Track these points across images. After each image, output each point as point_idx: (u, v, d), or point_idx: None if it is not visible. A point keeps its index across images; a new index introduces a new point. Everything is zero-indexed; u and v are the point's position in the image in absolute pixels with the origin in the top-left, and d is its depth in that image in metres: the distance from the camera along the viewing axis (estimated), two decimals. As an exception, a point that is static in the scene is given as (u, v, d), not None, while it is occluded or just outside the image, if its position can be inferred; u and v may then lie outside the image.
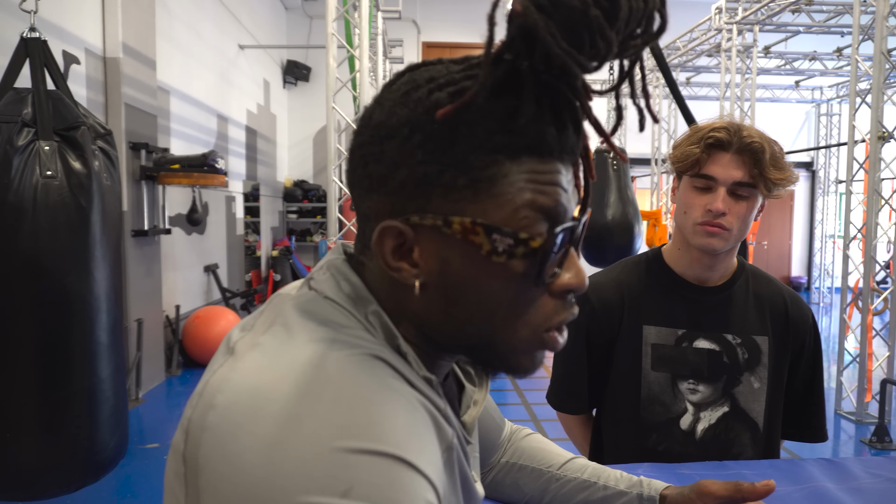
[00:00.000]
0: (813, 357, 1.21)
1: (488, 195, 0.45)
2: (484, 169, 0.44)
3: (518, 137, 0.44)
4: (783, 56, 8.76)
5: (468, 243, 0.45)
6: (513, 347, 0.50)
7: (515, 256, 0.46)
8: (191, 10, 5.67)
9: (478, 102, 0.44)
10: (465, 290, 0.47)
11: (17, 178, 1.76)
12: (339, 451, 0.38)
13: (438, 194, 0.45)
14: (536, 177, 0.45)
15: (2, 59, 2.87)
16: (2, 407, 1.77)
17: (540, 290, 0.48)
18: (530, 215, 0.45)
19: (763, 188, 1.08)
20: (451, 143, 0.44)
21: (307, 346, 0.44)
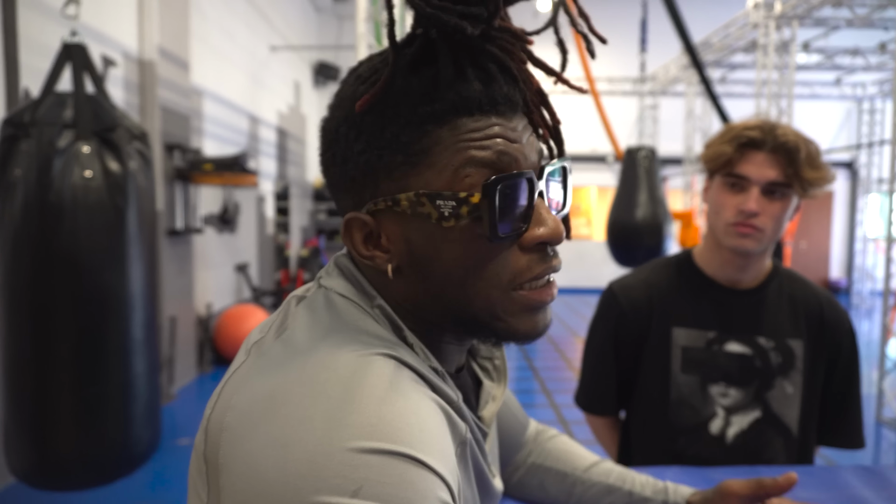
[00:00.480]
0: (850, 362, 1.17)
1: (426, 165, 0.47)
2: (416, 142, 0.46)
3: (440, 103, 0.46)
4: (823, 51, 8.52)
5: (420, 216, 0.47)
6: (495, 312, 0.49)
7: (462, 217, 0.46)
8: (224, 12, 5.78)
9: (397, 83, 0.47)
10: (431, 263, 0.49)
11: (57, 178, 1.81)
12: (349, 450, 0.38)
13: (383, 178, 0.48)
14: (470, 135, 0.46)
15: (44, 62, 2.97)
16: (43, 401, 1.83)
17: (505, 247, 0.48)
18: (472, 172, 0.46)
19: (798, 188, 1.05)
20: (381, 127, 0.47)
21: (318, 348, 0.45)
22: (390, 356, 0.46)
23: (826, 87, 10.20)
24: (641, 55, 6.23)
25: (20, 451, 1.86)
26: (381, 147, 0.47)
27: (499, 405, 0.62)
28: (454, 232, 0.47)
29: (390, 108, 0.47)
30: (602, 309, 1.26)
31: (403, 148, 0.47)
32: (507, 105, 0.48)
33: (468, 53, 0.47)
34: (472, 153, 0.46)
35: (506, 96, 0.47)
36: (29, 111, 1.85)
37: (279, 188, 7.73)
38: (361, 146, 0.48)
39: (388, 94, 0.47)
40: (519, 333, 0.51)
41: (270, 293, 6.65)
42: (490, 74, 0.47)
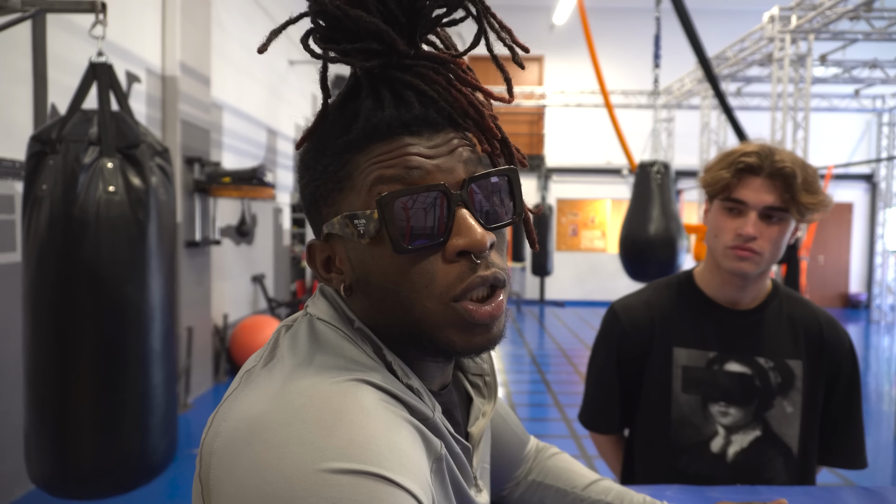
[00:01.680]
0: (850, 382, 1.18)
1: (349, 189, 0.52)
2: (340, 169, 0.52)
3: (354, 132, 0.51)
4: (841, 64, 8.46)
5: (348, 237, 0.52)
6: (434, 322, 0.51)
7: (372, 233, 0.50)
8: (244, 28, 5.90)
9: (329, 120, 0.53)
10: (368, 280, 0.53)
11: (82, 193, 1.87)
12: (322, 472, 0.41)
13: (323, 205, 0.54)
14: (380, 156, 0.50)
15: (70, 79, 3.06)
16: (64, 410, 1.88)
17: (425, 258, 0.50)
18: (382, 188, 0.50)
19: (795, 213, 1.07)
20: (315, 161, 0.54)
21: (297, 376, 0.49)
22: (363, 381, 0.49)
23: (844, 100, 10.12)
24: (655, 71, 6.24)
25: (41, 458, 1.91)
26: (317, 178, 0.54)
27: (488, 421, 0.65)
28: (374, 248, 0.51)
29: (321, 143, 0.54)
30: (604, 328, 1.29)
31: (332, 176, 0.52)
32: (424, 125, 0.51)
33: (387, 84, 0.52)
34: (380, 172, 0.50)
35: (419, 117, 0.50)
36: (56, 128, 1.92)
37: (296, 200, 7.83)
38: (306, 180, 0.55)
39: (320, 130, 0.54)
40: (456, 347, 0.52)
41: (286, 304, 6.72)
42: (405, 100, 0.51)
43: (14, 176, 2.83)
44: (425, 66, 0.53)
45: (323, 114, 0.54)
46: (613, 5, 10.22)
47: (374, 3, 0.50)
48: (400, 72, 0.52)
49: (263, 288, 6.32)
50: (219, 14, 5.20)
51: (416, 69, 0.52)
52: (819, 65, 8.00)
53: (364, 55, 0.51)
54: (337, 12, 0.49)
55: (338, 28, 0.51)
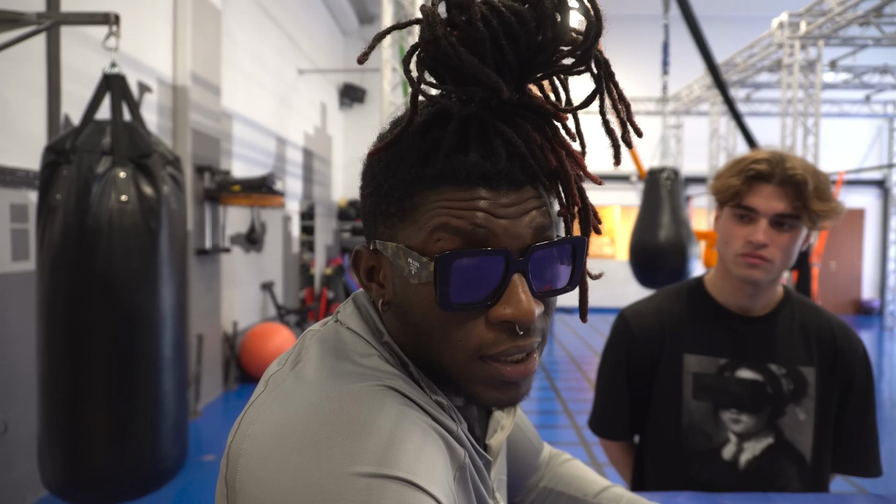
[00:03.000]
0: (864, 389, 1.17)
1: (411, 222, 0.50)
2: (407, 199, 0.50)
3: (432, 168, 0.48)
4: (851, 70, 8.42)
5: (399, 266, 0.51)
6: (460, 374, 0.51)
7: (422, 278, 0.48)
8: (254, 38, 5.96)
9: (408, 141, 0.50)
10: (406, 311, 0.52)
11: (95, 202, 1.90)
12: (353, 475, 0.42)
13: (381, 223, 0.53)
14: (452, 203, 0.48)
15: (83, 89, 3.11)
16: (77, 416, 1.90)
17: (468, 317, 0.49)
18: (444, 237, 0.47)
19: (807, 220, 1.07)
20: (385, 178, 0.51)
21: (327, 381, 0.49)
22: (390, 388, 0.50)
23: (855, 105, 10.06)
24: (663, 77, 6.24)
25: (54, 464, 1.92)
26: (381, 195, 0.52)
27: (507, 434, 0.65)
28: (421, 290, 0.49)
29: (394, 163, 0.51)
30: (614, 335, 1.29)
31: (396, 201, 0.50)
32: (504, 181, 0.48)
33: (478, 125, 0.48)
34: (447, 219, 0.47)
35: (502, 171, 0.48)
36: (70, 138, 1.94)
37: (305, 208, 7.86)
38: (369, 190, 0.54)
39: (397, 149, 0.51)
40: (481, 401, 0.52)
41: (295, 311, 6.74)
42: (493, 149, 0.48)
43: (28, 185, 2.87)
44: (524, 117, 0.50)
45: (404, 131, 0.50)
46: (621, 12, 10.23)
47: (490, 51, 0.45)
48: (496, 118, 0.48)
49: (273, 295, 6.34)
50: (229, 25, 5.25)
51: (513, 118, 0.49)
52: (829, 70, 7.95)
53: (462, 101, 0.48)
54: (450, 52, 0.45)
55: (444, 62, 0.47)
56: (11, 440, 2.73)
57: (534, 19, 0.45)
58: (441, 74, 0.48)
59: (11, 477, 2.78)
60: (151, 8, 3.98)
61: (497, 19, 0.45)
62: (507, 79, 0.47)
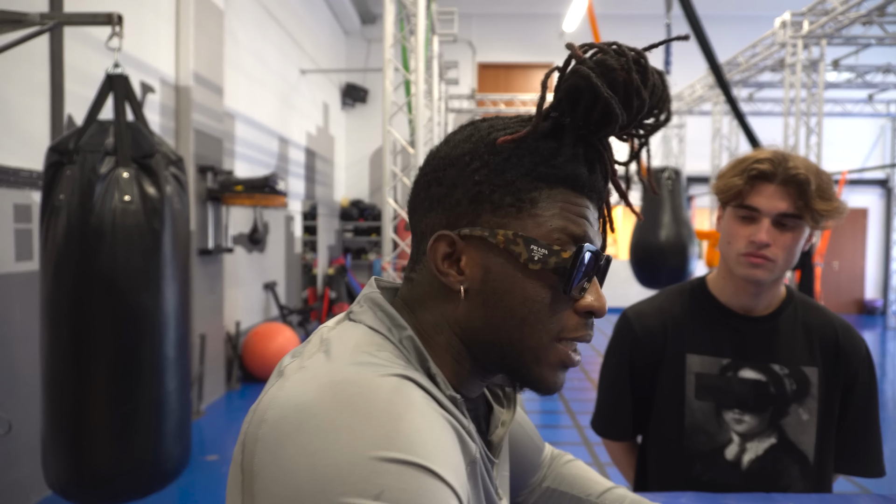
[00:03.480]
0: (867, 389, 1.17)
1: (529, 214, 0.55)
2: (527, 192, 0.55)
3: (557, 171, 0.55)
4: (854, 69, 8.40)
5: (509, 252, 0.55)
6: (538, 355, 0.56)
7: (548, 266, 0.54)
8: (256, 38, 5.97)
9: (527, 142, 0.56)
10: (503, 296, 0.55)
11: (98, 202, 1.90)
12: (372, 459, 0.43)
13: (488, 210, 0.55)
14: (569, 206, 0.55)
15: (86, 90, 3.11)
16: (80, 416, 1.90)
17: (566, 303, 0.56)
18: (562, 238, 0.55)
19: (809, 219, 1.07)
20: (503, 169, 0.55)
21: (345, 368, 0.50)
22: (407, 377, 0.51)
23: (858, 105, 10.04)
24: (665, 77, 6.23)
25: (57, 464, 1.93)
26: (497, 185, 0.55)
27: (507, 430, 0.66)
28: (535, 275, 0.54)
29: (515, 158, 0.56)
30: (617, 335, 1.29)
31: (516, 192, 0.55)
32: (596, 195, 0.58)
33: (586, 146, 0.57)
34: (566, 223, 0.55)
35: (598, 188, 0.58)
36: (73, 139, 1.95)
37: (307, 208, 7.87)
38: (480, 177, 0.56)
39: (519, 146, 0.56)
40: (544, 383, 0.57)
41: (297, 311, 6.75)
42: (594, 166, 0.57)
43: (32, 186, 2.87)
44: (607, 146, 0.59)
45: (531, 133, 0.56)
46: (623, 12, 10.22)
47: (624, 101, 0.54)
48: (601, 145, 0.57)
49: (275, 295, 6.35)
50: (231, 25, 5.26)
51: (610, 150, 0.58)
52: (832, 70, 7.94)
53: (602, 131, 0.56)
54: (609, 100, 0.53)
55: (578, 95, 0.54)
56: (15, 439, 2.74)
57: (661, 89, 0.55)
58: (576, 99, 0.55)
59: (15, 476, 2.79)
60: (154, 8, 3.98)
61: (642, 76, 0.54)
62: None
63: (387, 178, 4.38)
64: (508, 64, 10.74)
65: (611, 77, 0.53)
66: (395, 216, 4.66)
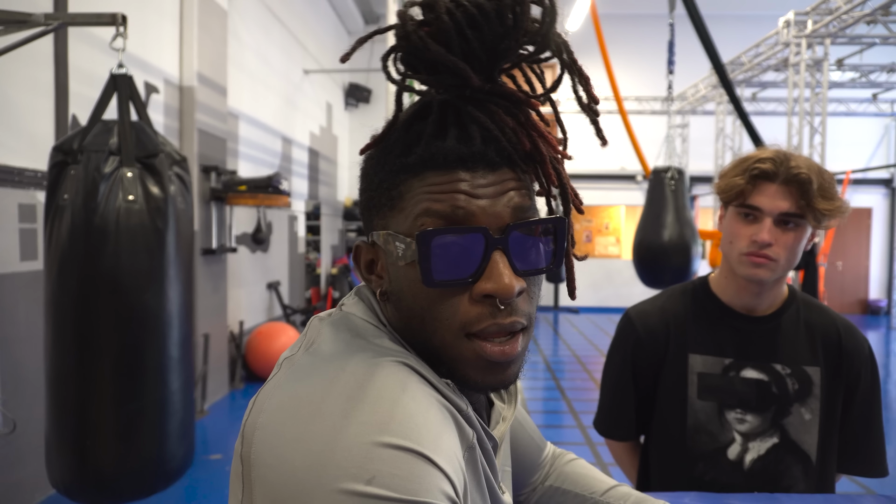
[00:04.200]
0: (870, 389, 1.17)
1: (399, 209, 0.53)
2: (394, 188, 0.54)
3: (414, 156, 0.52)
4: (858, 68, 8.37)
5: (388, 252, 0.55)
6: (450, 354, 0.53)
7: (408, 258, 0.52)
8: (260, 38, 5.98)
9: (394, 136, 0.55)
10: (400, 296, 0.55)
11: (102, 202, 1.91)
12: (365, 444, 0.44)
13: (375, 215, 0.57)
14: (434, 187, 0.51)
15: (90, 90, 3.12)
16: (84, 416, 1.91)
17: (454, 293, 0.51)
18: (427, 221, 0.51)
19: (811, 219, 1.07)
20: (375, 172, 0.56)
21: (339, 356, 0.51)
22: (402, 362, 0.51)
23: (862, 104, 10.01)
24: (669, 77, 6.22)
25: (61, 463, 1.93)
26: (372, 189, 0.56)
27: (508, 425, 0.66)
28: (409, 271, 0.53)
29: (381, 157, 0.55)
30: (619, 335, 1.29)
31: (385, 192, 0.54)
32: (481, 162, 0.51)
33: (455, 113, 0.53)
34: (429, 204, 0.51)
35: (477, 154, 0.51)
36: (77, 138, 1.95)
37: (310, 207, 7.88)
38: (363, 186, 0.58)
39: (386, 144, 0.56)
40: (470, 382, 0.54)
41: (301, 311, 6.76)
42: (468, 133, 0.52)
43: (36, 186, 2.89)
44: (497, 104, 0.53)
45: (390, 127, 0.55)
46: (627, 11, 10.21)
47: (456, 40, 0.50)
48: (471, 105, 0.53)
49: (279, 295, 6.36)
50: (235, 26, 5.27)
51: (487, 105, 0.53)
52: (836, 69, 7.92)
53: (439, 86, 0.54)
54: (419, 44, 0.50)
55: (416, 55, 0.52)
56: (20, 439, 2.75)
57: (494, 10, 0.50)
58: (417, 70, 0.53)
59: (20, 475, 2.80)
60: (158, 9, 3.99)
61: (460, 12, 0.50)
62: (475, 68, 0.51)
63: (390, 177, 4.39)
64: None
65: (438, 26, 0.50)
66: (398, 216, 4.65)
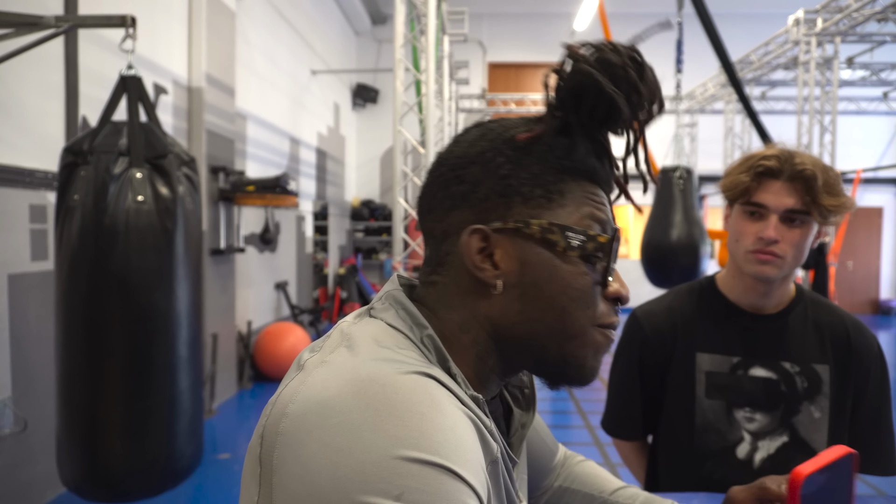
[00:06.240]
0: (879, 387, 1.16)
1: (559, 204, 0.56)
2: (555, 184, 0.57)
3: (578, 164, 0.58)
4: (869, 66, 8.31)
5: (546, 242, 0.56)
6: (581, 341, 0.57)
7: (586, 251, 0.56)
8: (268, 39, 6.00)
9: (545, 138, 0.58)
10: (542, 286, 0.56)
11: (112, 203, 1.92)
12: (393, 459, 0.43)
13: (519, 203, 0.56)
14: (591, 196, 0.58)
15: (100, 91, 3.15)
16: (94, 414, 1.92)
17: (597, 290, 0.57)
18: (590, 224, 0.57)
19: (817, 215, 1.06)
20: (529, 163, 0.57)
21: (368, 364, 0.50)
22: (429, 375, 0.51)
23: (872, 103, 9.93)
24: (677, 76, 6.19)
25: (71, 462, 1.95)
26: (524, 178, 0.57)
27: (527, 432, 0.66)
28: (566, 261, 0.56)
29: (538, 153, 0.57)
30: (626, 334, 1.28)
31: (544, 184, 0.57)
32: (609, 186, 0.61)
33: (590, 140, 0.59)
34: (593, 210, 0.58)
35: (610, 179, 0.61)
36: (87, 140, 1.97)
37: (318, 208, 7.91)
38: (506, 171, 0.57)
39: (538, 142, 0.58)
40: (587, 369, 0.58)
41: (309, 311, 6.78)
42: (602, 161, 0.60)
43: (47, 187, 2.91)
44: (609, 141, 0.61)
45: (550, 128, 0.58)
46: (634, 11, 10.17)
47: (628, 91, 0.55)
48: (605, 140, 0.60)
49: (286, 295, 6.39)
50: (243, 27, 5.30)
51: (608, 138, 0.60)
52: (846, 67, 7.86)
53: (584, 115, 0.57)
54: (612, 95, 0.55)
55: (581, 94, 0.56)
56: (31, 437, 2.78)
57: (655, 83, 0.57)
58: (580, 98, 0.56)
59: (31, 473, 2.83)
60: (167, 10, 4.02)
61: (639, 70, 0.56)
62: None
63: (397, 178, 4.39)
64: (519, 63, 10.72)
65: (612, 73, 0.54)
66: (405, 216, 4.67)
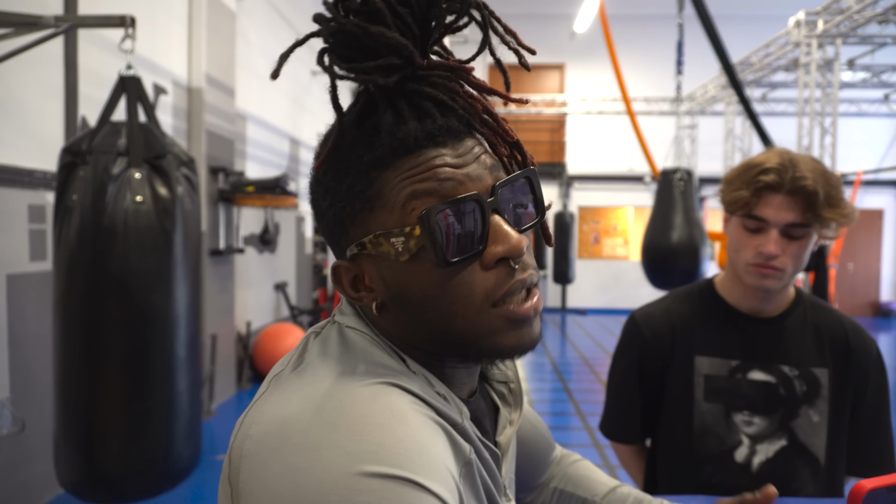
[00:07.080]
0: (879, 390, 1.16)
1: (380, 208, 0.51)
2: (368, 188, 0.51)
3: (380, 149, 0.50)
4: (870, 68, 8.31)
5: (383, 255, 0.52)
6: (477, 330, 0.51)
7: (412, 250, 0.50)
8: (268, 40, 6.00)
9: (346, 139, 0.52)
10: (406, 296, 0.52)
11: (111, 203, 1.92)
12: (353, 475, 0.42)
13: (350, 225, 0.53)
14: (411, 171, 0.50)
15: (99, 91, 3.15)
16: (92, 415, 1.92)
17: (465, 269, 0.50)
18: (417, 204, 0.49)
19: (818, 227, 1.05)
20: (339, 181, 0.52)
21: (326, 380, 0.50)
22: (393, 384, 0.50)
23: (874, 105, 9.93)
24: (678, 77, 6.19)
25: (69, 463, 1.95)
26: (342, 199, 0.52)
27: (515, 429, 0.65)
28: (411, 264, 0.51)
29: (342, 163, 0.52)
30: (625, 337, 1.28)
31: (359, 196, 0.51)
32: (448, 134, 0.51)
33: (403, 97, 0.51)
34: (413, 187, 0.49)
35: (443, 127, 0.50)
36: (86, 140, 1.96)
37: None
38: (328, 202, 0.54)
39: (339, 150, 0.53)
40: (504, 349, 0.53)
41: (308, 312, 6.77)
42: (425, 111, 0.51)
43: (46, 187, 2.91)
44: (439, 76, 0.52)
45: (339, 133, 0.53)
46: (635, 12, 10.18)
47: (391, 18, 0.49)
48: (417, 83, 0.51)
49: (286, 296, 6.38)
50: (243, 27, 5.29)
51: (431, 80, 0.52)
52: (847, 69, 7.86)
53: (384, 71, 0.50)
54: (357, 30, 0.49)
55: (354, 45, 0.50)
56: (28, 438, 2.77)
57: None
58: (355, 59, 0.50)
59: (28, 475, 2.82)
60: (167, 10, 4.02)
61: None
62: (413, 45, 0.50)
63: (397, 178, 4.39)
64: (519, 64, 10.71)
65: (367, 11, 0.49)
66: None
